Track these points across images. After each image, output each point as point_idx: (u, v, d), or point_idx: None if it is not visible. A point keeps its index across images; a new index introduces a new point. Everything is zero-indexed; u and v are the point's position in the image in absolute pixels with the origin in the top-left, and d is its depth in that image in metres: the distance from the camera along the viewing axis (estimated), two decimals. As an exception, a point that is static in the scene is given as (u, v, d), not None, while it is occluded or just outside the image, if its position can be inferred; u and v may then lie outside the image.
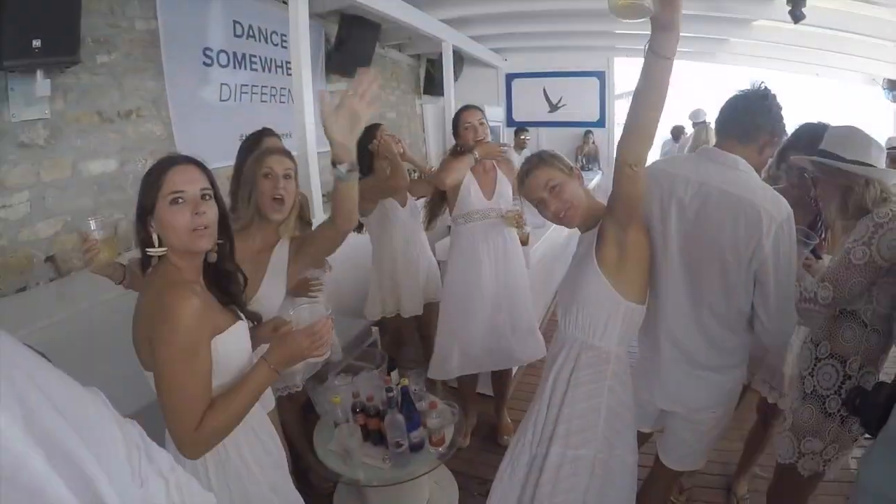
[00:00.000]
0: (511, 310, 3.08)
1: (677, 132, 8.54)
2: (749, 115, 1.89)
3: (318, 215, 3.68)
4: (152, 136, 3.87)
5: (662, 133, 8.58)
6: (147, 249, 1.42)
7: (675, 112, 8.15)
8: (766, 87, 1.91)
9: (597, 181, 7.45)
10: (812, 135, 2.20)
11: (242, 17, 4.60)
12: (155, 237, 1.40)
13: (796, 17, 3.98)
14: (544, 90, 8.17)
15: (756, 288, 1.85)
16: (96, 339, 2.34)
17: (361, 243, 4.31)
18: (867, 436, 1.81)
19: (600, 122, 8.15)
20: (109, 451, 0.84)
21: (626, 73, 8.10)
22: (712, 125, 2.31)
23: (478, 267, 3.03)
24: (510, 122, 8.35)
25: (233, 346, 1.48)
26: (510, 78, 8.27)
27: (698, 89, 8.23)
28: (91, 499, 0.77)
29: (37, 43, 2.74)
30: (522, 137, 7.63)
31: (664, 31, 1.34)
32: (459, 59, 7.22)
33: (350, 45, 5.61)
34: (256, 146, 2.77)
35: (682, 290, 1.94)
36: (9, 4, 2.60)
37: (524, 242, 3.29)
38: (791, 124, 2.21)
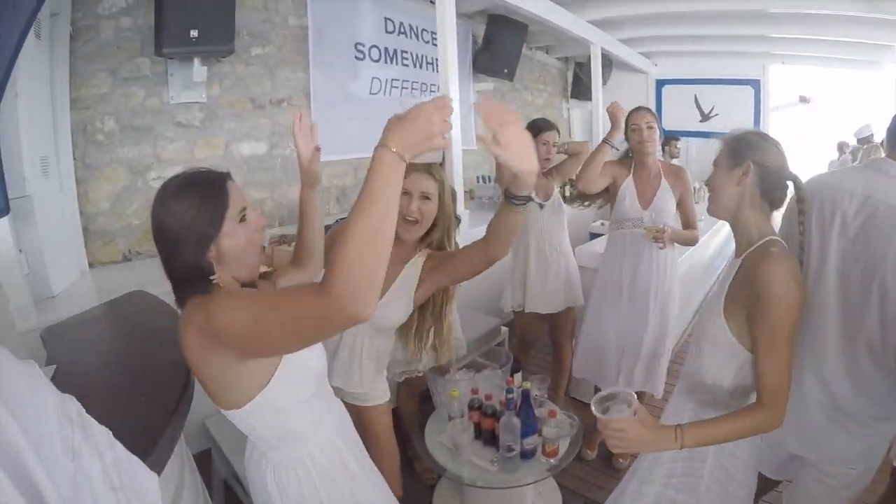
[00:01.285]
0: (637, 330, 2.78)
1: (841, 148, 7.46)
2: None
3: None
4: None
5: (831, 154, 7.53)
6: (212, 277, 1.14)
7: (841, 125, 7.16)
8: None
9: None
10: None
11: (394, 14, 4.63)
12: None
13: None
14: (696, 98, 7.47)
15: None
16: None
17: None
18: None
19: (755, 134, 7.31)
20: (39, 423, 0.79)
21: (783, 82, 7.19)
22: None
23: (616, 276, 2.82)
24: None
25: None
26: (660, 84, 7.64)
27: (864, 101, 7.14)
28: (16, 469, 0.72)
29: (194, 33, 2.88)
30: (678, 147, 6.97)
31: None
32: (608, 62, 6.79)
33: (497, 45, 5.46)
34: None
35: (836, 320, 1.62)
36: (169, -2, 2.75)
37: None
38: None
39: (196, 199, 1.11)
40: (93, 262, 2.91)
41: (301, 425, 1.28)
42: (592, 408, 1.32)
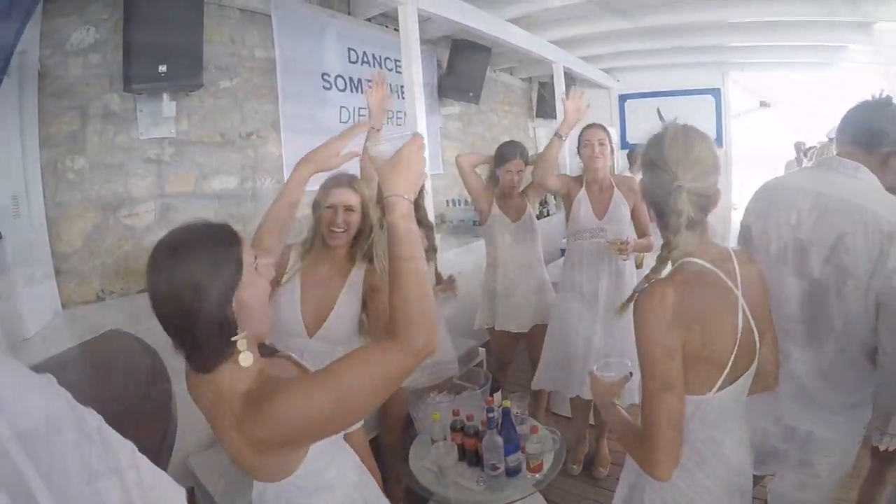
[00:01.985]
0: (605, 339, 2.83)
1: (799, 148, 7.69)
2: (870, 123, 1.67)
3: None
4: (271, 157, 4.01)
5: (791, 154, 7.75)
6: (234, 338, 1.09)
7: (801, 127, 7.38)
8: (888, 95, 1.69)
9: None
10: None
11: (356, 44, 4.70)
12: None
13: None
14: (658, 110, 7.70)
15: (880, 313, 1.55)
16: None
17: (471, 260, 4.23)
18: None
19: (717, 142, 7.50)
20: (51, 445, 0.77)
21: (743, 88, 7.44)
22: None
23: (578, 286, 2.90)
24: (623, 143, 7.94)
25: None
26: (623, 99, 7.88)
27: (823, 102, 7.39)
28: (20, 495, 0.70)
29: (162, 68, 2.91)
30: None
31: None
32: (571, 80, 6.98)
33: (461, 69, 5.59)
34: None
35: (799, 315, 1.71)
36: (137, 33, 2.79)
37: (638, 266, 3.05)
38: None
39: (209, 248, 1.08)
40: (66, 302, 2.86)
41: (327, 478, 1.27)
42: (594, 366, 1.48)
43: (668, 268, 1.31)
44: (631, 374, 1.47)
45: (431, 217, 3.41)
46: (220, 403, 1.09)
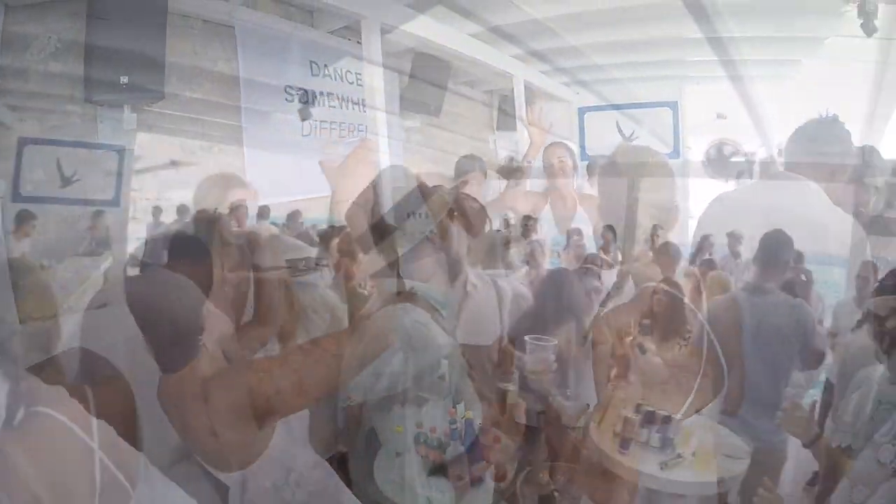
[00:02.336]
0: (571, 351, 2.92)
1: (748, 158, 8.01)
2: (817, 141, 1.77)
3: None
4: (232, 169, 3.98)
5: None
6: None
7: (755, 140, 7.69)
8: (835, 115, 1.80)
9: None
10: None
11: (318, 57, 4.72)
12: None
13: (868, 30, 3.61)
14: (616, 123, 7.93)
15: (830, 320, 1.67)
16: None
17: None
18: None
19: (674, 154, 7.76)
20: (57, 455, 0.79)
21: (700, 101, 7.71)
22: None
23: (543, 300, 2.93)
24: (583, 156, 8.11)
25: None
26: (582, 112, 8.06)
27: (776, 114, 7.74)
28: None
29: (124, 80, 2.91)
30: None
31: None
32: (531, 94, 7.13)
33: (422, 82, 5.66)
34: None
35: (750, 322, 1.78)
36: (99, 44, 2.77)
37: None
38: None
39: (188, 258, 1.21)
40: (24, 318, 2.81)
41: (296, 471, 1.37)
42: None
43: (630, 286, 1.35)
44: (588, 405, 1.48)
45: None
46: (191, 390, 1.15)
